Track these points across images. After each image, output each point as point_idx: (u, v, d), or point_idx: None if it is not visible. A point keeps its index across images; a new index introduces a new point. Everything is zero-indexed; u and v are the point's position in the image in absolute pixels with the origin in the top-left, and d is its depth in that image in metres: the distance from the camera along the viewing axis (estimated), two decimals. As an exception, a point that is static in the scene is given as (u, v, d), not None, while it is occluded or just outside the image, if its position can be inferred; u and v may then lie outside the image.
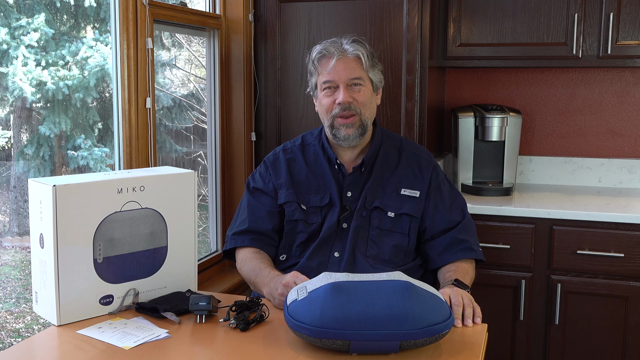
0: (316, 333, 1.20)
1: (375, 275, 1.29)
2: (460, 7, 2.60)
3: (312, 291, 1.26)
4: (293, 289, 1.33)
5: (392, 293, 1.22)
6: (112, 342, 1.29)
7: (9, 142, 2.72)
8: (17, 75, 2.39)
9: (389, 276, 1.28)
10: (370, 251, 1.71)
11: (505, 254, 2.39)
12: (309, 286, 1.29)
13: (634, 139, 2.81)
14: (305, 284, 1.31)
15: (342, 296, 1.22)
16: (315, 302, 1.23)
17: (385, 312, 1.20)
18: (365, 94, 1.74)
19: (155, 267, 1.52)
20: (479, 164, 2.71)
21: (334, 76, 1.71)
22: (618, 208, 2.36)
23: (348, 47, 1.73)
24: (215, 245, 2.59)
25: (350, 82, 1.72)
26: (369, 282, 1.26)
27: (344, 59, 1.72)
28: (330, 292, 1.23)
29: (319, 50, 1.76)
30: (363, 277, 1.29)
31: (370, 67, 1.75)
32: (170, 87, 3.34)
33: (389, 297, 1.22)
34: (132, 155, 1.98)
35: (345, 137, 1.73)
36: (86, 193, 1.38)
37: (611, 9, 2.43)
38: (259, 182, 1.84)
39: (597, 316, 2.33)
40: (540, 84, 2.88)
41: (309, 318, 1.21)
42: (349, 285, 1.25)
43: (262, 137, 2.60)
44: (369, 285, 1.25)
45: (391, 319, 1.19)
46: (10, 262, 2.82)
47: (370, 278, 1.28)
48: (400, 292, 1.23)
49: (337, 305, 1.21)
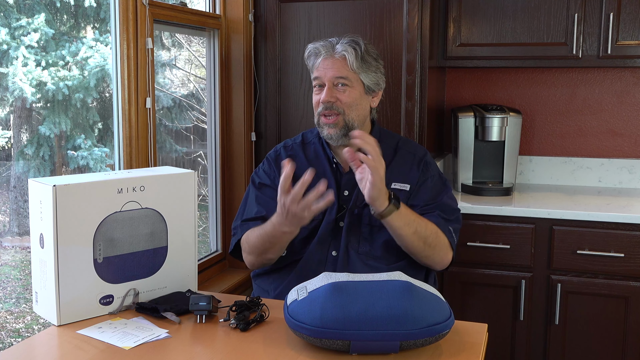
0: (316, 333, 1.20)
1: (376, 276, 1.29)
2: (460, 7, 2.60)
3: (313, 291, 1.26)
4: (293, 289, 1.33)
5: (392, 293, 1.23)
6: (112, 342, 1.29)
7: (9, 142, 2.72)
8: (17, 76, 2.39)
9: (389, 276, 1.28)
10: (362, 248, 1.72)
11: (505, 254, 2.39)
12: (309, 286, 1.29)
13: (634, 139, 2.81)
14: (305, 284, 1.31)
15: (342, 296, 1.22)
16: (315, 302, 1.23)
17: (386, 312, 1.20)
18: (352, 95, 1.73)
19: (155, 267, 1.52)
20: (479, 164, 2.71)
21: (321, 74, 1.74)
22: (618, 208, 2.36)
23: (340, 47, 1.74)
24: (215, 245, 2.59)
25: (335, 82, 1.72)
26: (370, 282, 1.26)
27: (331, 58, 1.73)
28: (330, 292, 1.23)
29: (311, 48, 1.78)
30: (363, 277, 1.29)
31: (361, 69, 1.74)
32: (170, 87, 3.35)
33: (389, 297, 1.22)
34: (132, 155, 1.98)
35: (327, 136, 1.75)
36: (86, 193, 1.38)
37: (611, 9, 2.43)
38: (264, 179, 1.84)
39: (597, 316, 2.33)
40: (540, 84, 2.88)
41: (309, 318, 1.21)
42: (349, 285, 1.25)
43: (262, 137, 2.60)
44: (369, 285, 1.25)
45: (391, 319, 1.19)
46: (10, 262, 2.82)
47: (371, 278, 1.28)
48: (400, 292, 1.23)
49: (338, 305, 1.21)
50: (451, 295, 2.47)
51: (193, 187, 1.57)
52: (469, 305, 2.47)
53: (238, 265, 2.60)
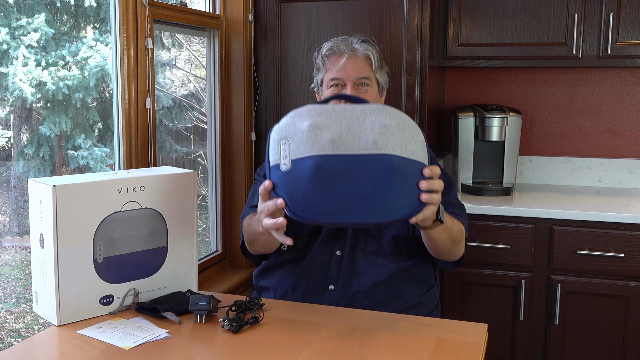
0: (294, 216, 1.26)
1: (360, 120, 1.27)
2: (460, 7, 2.60)
3: (296, 162, 1.26)
4: (274, 138, 1.32)
5: (376, 175, 1.24)
6: (112, 342, 1.29)
7: (9, 142, 2.72)
8: (17, 76, 2.39)
9: (374, 111, 1.28)
10: (370, 246, 1.70)
11: (505, 254, 2.39)
12: (293, 152, 1.28)
13: (634, 139, 2.81)
14: (287, 146, 1.29)
15: (325, 186, 1.24)
16: (298, 186, 1.25)
17: (364, 205, 1.24)
18: (372, 95, 1.73)
19: (155, 267, 1.52)
20: (479, 164, 2.71)
21: (343, 74, 1.71)
22: (618, 208, 2.36)
23: (358, 46, 1.73)
24: (215, 245, 2.59)
25: (358, 82, 1.71)
26: (355, 157, 1.26)
27: (354, 58, 1.71)
28: (314, 178, 1.24)
29: (330, 47, 1.74)
30: (345, 130, 1.27)
31: (379, 69, 1.75)
32: (170, 87, 3.34)
33: (372, 182, 1.24)
34: (132, 155, 1.98)
35: None
36: (86, 193, 1.38)
37: (611, 9, 2.43)
38: None
39: (597, 316, 2.33)
40: (540, 84, 2.88)
41: (292, 203, 1.26)
42: (333, 167, 1.25)
43: (262, 137, 2.60)
44: (354, 165, 1.25)
45: (367, 212, 1.24)
46: (10, 262, 2.82)
47: (356, 129, 1.27)
48: (383, 175, 1.24)
49: (320, 197, 1.24)
50: (451, 295, 2.48)
51: (193, 187, 1.57)
52: (469, 305, 2.47)
53: (238, 265, 2.60)
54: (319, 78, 1.78)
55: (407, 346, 1.28)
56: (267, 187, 1.31)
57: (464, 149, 2.68)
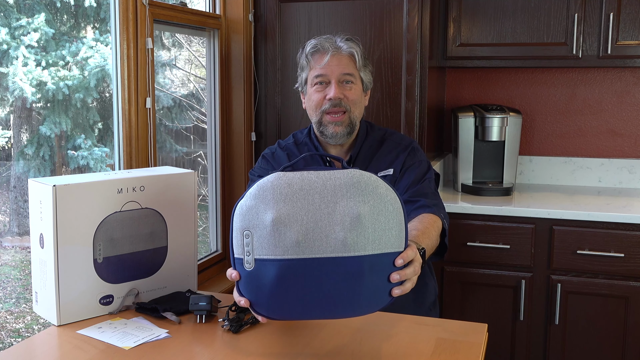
0: (258, 314, 1.17)
1: (330, 209, 1.13)
2: (460, 7, 2.60)
3: (259, 263, 1.14)
4: (237, 228, 1.16)
5: (345, 277, 1.13)
6: (112, 342, 1.29)
7: (9, 142, 2.71)
8: (17, 76, 2.39)
9: (347, 191, 1.13)
10: None
11: (505, 254, 2.39)
12: (256, 249, 1.14)
13: (634, 139, 2.81)
14: (250, 239, 1.15)
15: (291, 290, 1.14)
16: (261, 290, 1.15)
17: (330, 306, 1.14)
18: (356, 92, 1.74)
19: (155, 267, 1.52)
20: (479, 164, 2.71)
21: (327, 70, 1.71)
22: (618, 208, 2.36)
23: (342, 44, 1.74)
24: (215, 245, 2.59)
25: (342, 79, 1.72)
26: (322, 260, 1.13)
27: (339, 55, 1.72)
28: (277, 284, 1.13)
29: (314, 44, 1.75)
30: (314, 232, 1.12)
31: (363, 67, 1.76)
32: (170, 87, 3.34)
33: (340, 285, 1.13)
34: (132, 155, 1.98)
35: (332, 135, 1.73)
36: (86, 193, 1.38)
37: (611, 9, 2.43)
38: (263, 173, 1.83)
39: (597, 316, 2.33)
40: (540, 84, 2.88)
41: (256, 303, 1.16)
42: (297, 272, 1.13)
43: (262, 137, 2.60)
44: (321, 267, 1.13)
45: (335, 311, 1.15)
46: (10, 262, 2.82)
47: (324, 224, 1.12)
48: (352, 278, 1.13)
49: (284, 300, 1.14)
50: (451, 295, 2.48)
51: (193, 187, 1.57)
52: (469, 305, 2.47)
53: (238, 265, 2.59)
54: (303, 77, 1.78)
55: (407, 346, 1.28)
56: (233, 279, 1.20)
57: (464, 149, 2.69)
